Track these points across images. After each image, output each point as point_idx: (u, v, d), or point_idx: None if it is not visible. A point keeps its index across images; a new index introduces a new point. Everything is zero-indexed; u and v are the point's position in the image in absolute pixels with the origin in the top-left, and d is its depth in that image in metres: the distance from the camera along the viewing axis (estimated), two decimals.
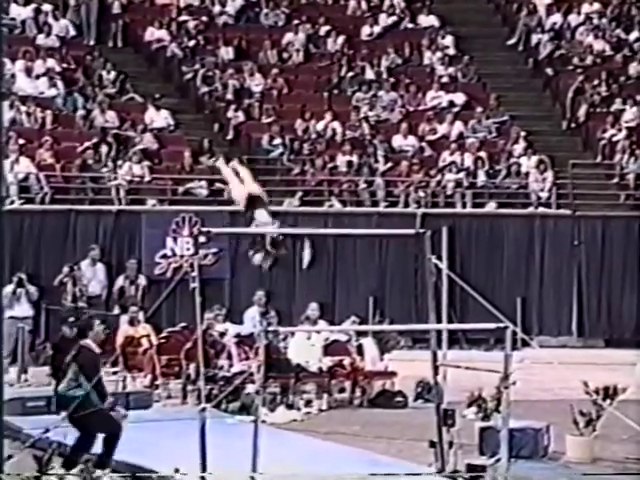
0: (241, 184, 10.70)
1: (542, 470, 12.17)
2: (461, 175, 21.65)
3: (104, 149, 21.34)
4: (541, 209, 21.51)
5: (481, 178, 21.83)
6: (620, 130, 22.61)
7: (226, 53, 23.76)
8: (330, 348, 16.33)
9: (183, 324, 16.70)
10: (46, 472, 8.63)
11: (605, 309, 20.99)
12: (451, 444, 11.63)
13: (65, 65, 22.95)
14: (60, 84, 22.46)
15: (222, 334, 16.38)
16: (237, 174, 10.76)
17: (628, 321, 20.66)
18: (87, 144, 21.32)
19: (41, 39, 23.27)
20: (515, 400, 11.58)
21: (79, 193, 20.94)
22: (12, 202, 19.87)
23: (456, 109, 23.07)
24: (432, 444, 11.69)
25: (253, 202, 10.60)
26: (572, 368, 13.77)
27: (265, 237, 10.43)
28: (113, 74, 22.83)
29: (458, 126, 22.73)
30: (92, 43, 23.63)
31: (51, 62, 22.77)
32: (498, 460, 11.27)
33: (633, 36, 24.33)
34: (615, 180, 22.18)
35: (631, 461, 12.65)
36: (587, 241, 21.01)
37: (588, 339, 20.97)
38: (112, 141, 21.54)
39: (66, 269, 19.09)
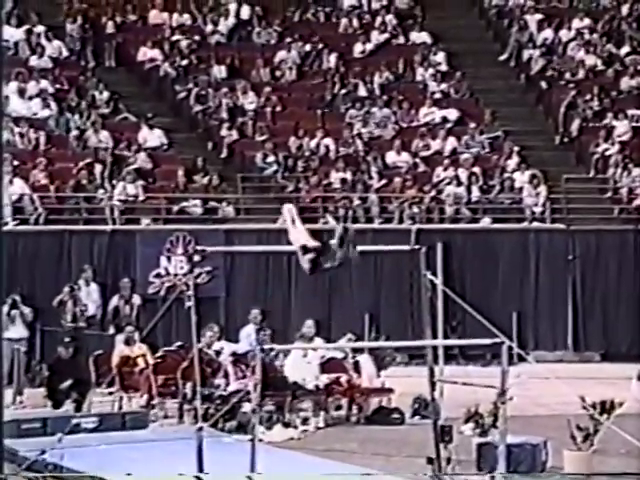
0: (297, 232, 10.48)
1: None
2: (459, 189, 21.65)
3: (98, 169, 21.35)
4: (535, 224, 21.54)
5: (475, 194, 21.86)
6: (613, 144, 22.67)
7: (219, 72, 23.79)
8: (326, 365, 16.32)
9: (179, 343, 16.67)
10: None
11: (600, 323, 20.99)
12: (449, 460, 11.63)
13: (58, 86, 22.96)
14: (53, 105, 22.47)
15: (218, 353, 16.36)
16: (293, 221, 10.54)
17: (624, 335, 20.66)
18: (81, 164, 21.33)
19: (34, 60, 23.28)
20: (512, 415, 11.59)
21: (73, 213, 20.93)
22: (6, 223, 19.84)
23: (449, 125, 23.12)
24: (430, 460, 11.69)
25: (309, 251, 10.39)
26: (569, 383, 13.76)
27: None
28: (106, 94, 22.85)
29: (451, 142, 22.76)
30: (85, 64, 23.65)
31: (44, 83, 22.78)
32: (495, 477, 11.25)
33: (624, 50, 24.41)
34: (608, 194, 22.23)
35: (630, 476, 12.65)
36: (581, 255, 21.04)
37: (584, 353, 20.97)
38: (106, 161, 21.55)
39: (66, 289, 19.09)
